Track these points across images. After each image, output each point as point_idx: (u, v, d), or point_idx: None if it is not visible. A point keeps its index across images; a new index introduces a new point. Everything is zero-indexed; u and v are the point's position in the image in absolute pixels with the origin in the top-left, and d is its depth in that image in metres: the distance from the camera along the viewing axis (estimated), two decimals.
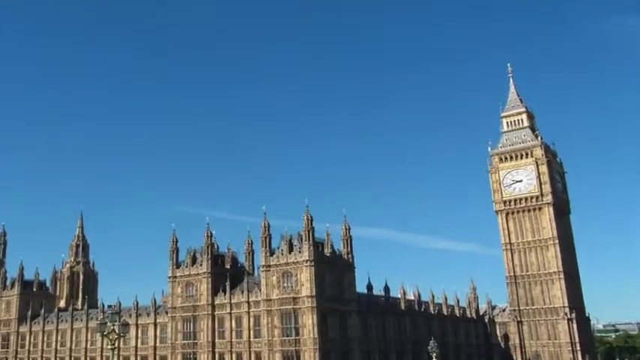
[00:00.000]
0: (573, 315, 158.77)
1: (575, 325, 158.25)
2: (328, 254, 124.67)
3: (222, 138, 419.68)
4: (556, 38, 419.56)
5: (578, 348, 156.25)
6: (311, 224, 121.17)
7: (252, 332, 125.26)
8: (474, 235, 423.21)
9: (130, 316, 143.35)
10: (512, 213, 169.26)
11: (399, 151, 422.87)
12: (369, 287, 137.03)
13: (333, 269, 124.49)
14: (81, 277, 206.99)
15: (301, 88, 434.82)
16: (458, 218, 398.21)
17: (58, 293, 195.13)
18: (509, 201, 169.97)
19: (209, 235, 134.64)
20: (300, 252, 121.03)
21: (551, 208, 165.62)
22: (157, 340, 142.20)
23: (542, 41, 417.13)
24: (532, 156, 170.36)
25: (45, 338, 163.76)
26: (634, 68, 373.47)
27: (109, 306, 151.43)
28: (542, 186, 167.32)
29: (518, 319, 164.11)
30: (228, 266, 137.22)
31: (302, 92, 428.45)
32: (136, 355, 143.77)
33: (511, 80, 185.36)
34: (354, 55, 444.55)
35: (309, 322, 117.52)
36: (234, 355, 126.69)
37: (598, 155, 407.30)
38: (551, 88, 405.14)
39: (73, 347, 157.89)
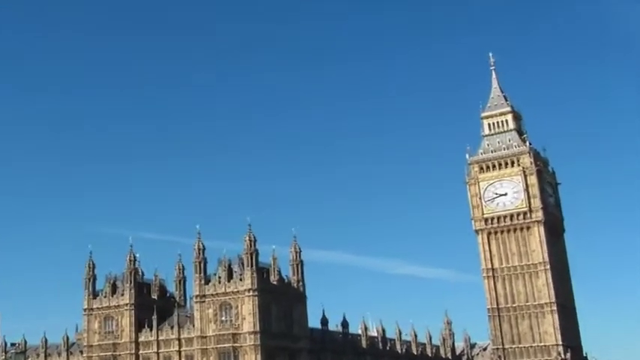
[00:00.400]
0: (568, 355, 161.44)
1: None
2: (275, 282, 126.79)
3: (144, 143, 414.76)
4: (548, 23, 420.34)
5: None
6: (254, 246, 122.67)
7: None
8: (449, 260, 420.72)
9: (38, 355, 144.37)
10: (495, 233, 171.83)
11: (356, 159, 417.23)
12: (324, 321, 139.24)
13: (280, 300, 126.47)
14: None
15: (241, 87, 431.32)
16: (430, 239, 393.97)
17: None
18: (492, 218, 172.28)
19: (132, 259, 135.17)
20: (241, 279, 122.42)
21: (541, 227, 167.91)
22: None
23: (531, 26, 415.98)
24: (519, 164, 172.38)
25: None
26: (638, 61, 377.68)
27: (12, 344, 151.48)
28: (531, 200, 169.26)
29: (503, 359, 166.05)
30: (155, 296, 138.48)
31: (242, 92, 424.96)
32: None
33: (493, 73, 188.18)
34: (300, 42, 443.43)
35: None
36: None
37: (597, 164, 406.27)
38: (542, 83, 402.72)
39: None
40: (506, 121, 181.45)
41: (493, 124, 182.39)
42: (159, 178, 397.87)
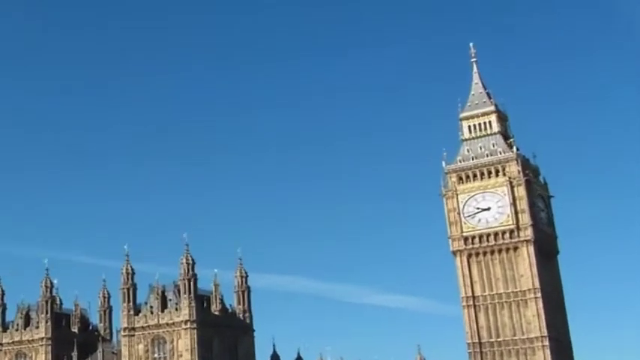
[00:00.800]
0: None
1: None
2: (217, 312, 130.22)
3: (68, 148, 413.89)
4: (540, 12, 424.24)
5: None
6: (192, 270, 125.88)
7: None
8: (423, 286, 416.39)
9: None
10: (477, 254, 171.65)
11: (314, 168, 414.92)
12: (275, 358, 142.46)
13: (223, 333, 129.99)
14: None
15: (187, 88, 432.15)
16: (399, 262, 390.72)
17: None
18: (473, 237, 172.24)
19: (48, 285, 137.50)
20: (177, 309, 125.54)
21: (531, 248, 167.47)
22: None
23: (520, 13, 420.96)
24: (504, 174, 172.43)
25: None
26: None
27: None
28: (519, 216, 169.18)
29: None
30: (75, 329, 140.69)
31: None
32: None
33: (475, 67, 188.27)
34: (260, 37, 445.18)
35: None
36: None
37: (596, 173, 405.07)
38: (532, 79, 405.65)
39: None
40: (490, 122, 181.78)
41: (474, 126, 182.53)
42: (79, 189, 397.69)
